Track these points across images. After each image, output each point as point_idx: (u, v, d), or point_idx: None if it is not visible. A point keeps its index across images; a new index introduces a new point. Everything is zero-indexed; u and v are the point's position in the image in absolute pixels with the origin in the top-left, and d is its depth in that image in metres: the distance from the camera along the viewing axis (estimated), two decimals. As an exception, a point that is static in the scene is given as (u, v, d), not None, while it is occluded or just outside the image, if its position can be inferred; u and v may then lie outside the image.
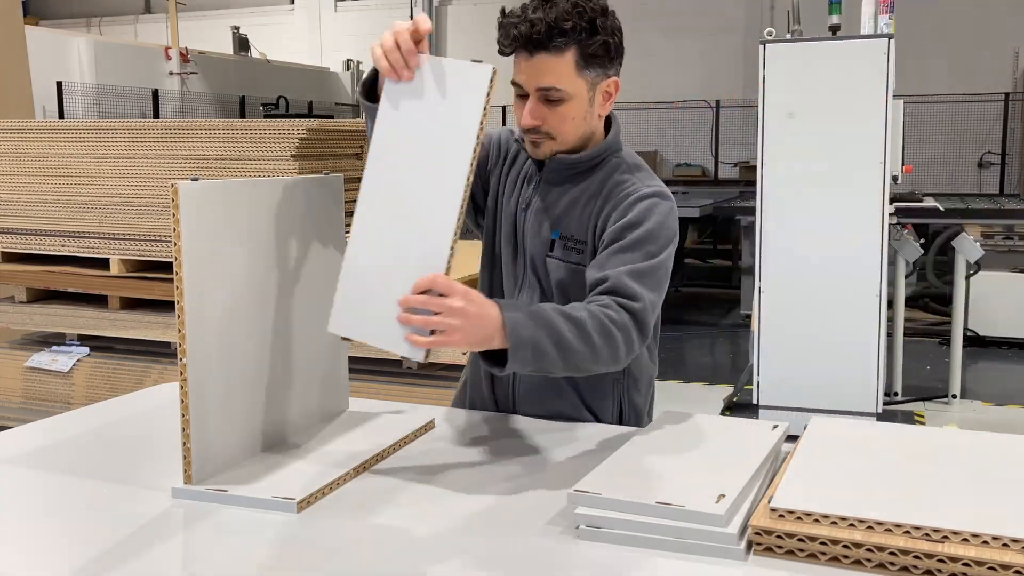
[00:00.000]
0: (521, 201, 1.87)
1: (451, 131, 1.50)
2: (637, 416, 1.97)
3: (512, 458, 1.66)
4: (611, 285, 1.66)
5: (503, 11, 1.72)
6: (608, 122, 1.85)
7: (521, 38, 1.66)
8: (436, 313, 1.45)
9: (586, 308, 1.61)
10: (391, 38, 1.57)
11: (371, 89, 1.75)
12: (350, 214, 1.59)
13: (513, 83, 1.74)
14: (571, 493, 1.34)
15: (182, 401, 1.47)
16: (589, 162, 1.82)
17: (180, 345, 1.46)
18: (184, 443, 1.48)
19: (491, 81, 1.48)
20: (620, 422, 1.93)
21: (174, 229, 1.46)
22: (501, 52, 1.73)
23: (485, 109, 1.48)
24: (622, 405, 1.94)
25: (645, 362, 1.98)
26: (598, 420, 1.91)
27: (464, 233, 1.56)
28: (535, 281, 1.85)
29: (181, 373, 1.46)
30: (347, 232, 1.62)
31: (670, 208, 1.79)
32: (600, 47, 1.69)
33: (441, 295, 1.46)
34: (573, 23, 1.65)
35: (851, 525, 1.21)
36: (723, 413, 5.36)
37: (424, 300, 1.46)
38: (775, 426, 1.67)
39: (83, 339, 4.12)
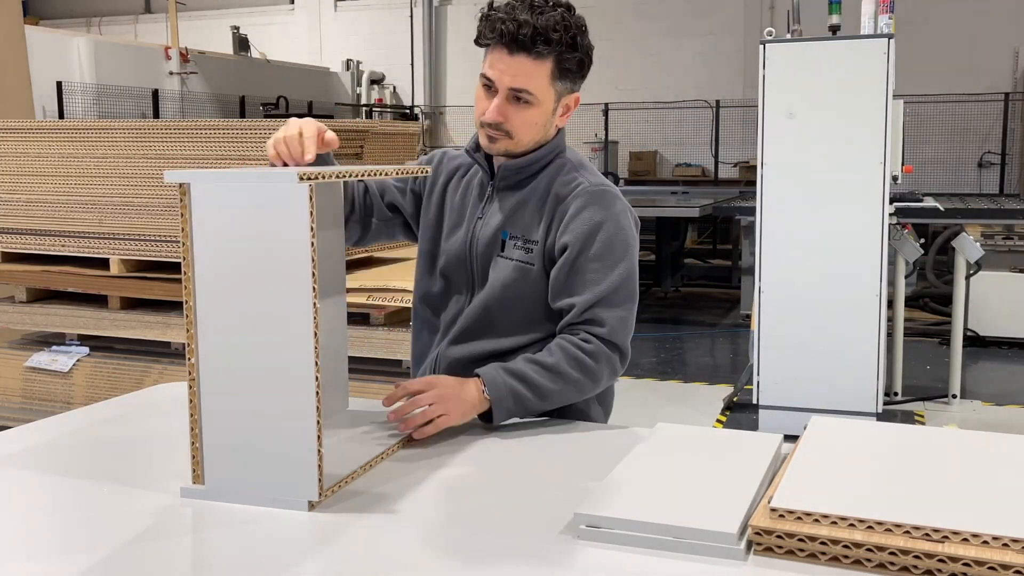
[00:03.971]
0: (477, 212, 1.93)
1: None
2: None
3: (513, 457, 1.67)
4: (580, 315, 1.80)
5: (490, 3, 1.77)
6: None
7: (507, 35, 1.70)
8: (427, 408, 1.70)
9: (559, 347, 1.79)
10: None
11: None
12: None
13: (483, 75, 1.78)
14: (577, 514, 1.33)
15: (191, 401, 1.47)
16: (535, 165, 1.88)
17: (188, 345, 1.46)
18: (192, 443, 1.48)
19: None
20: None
21: (183, 229, 1.45)
22: (478, 43, 1.78)
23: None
24: None
25: None
26: None
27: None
28: (483, 282, 1.91)
29: (190, 373, 1.46)
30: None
31: (622, 206, 1.87)
32: (576, 63, 1.77)
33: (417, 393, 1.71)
34: (560, 35, 1.71)
35: (851, 525, 1.21)
36: (723, 413, 5.36)
37: (408, 407, 1.69)
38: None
39: (83, 339, 4.12)
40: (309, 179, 1.38)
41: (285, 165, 1.68)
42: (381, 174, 1.89)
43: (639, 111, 12.83)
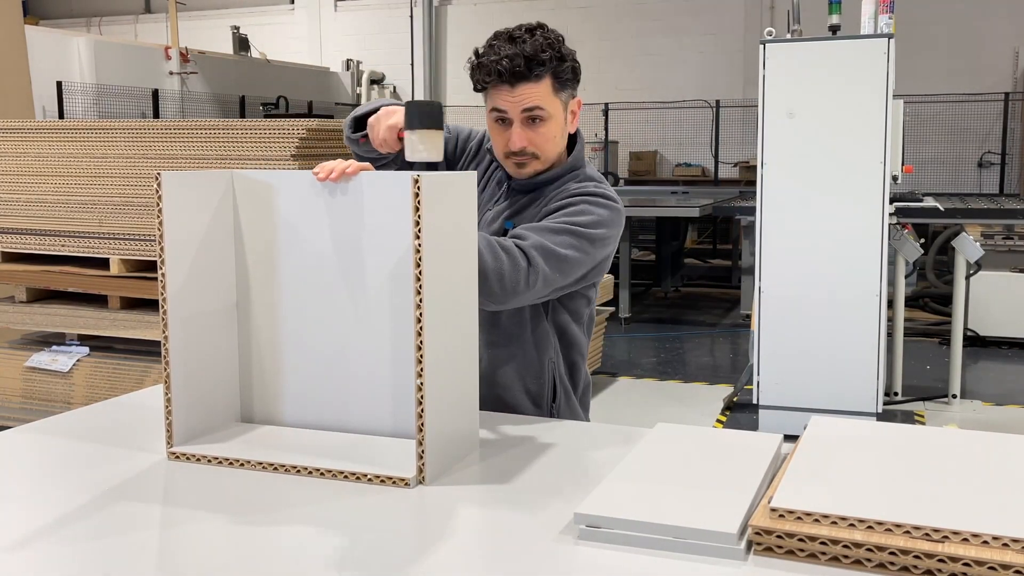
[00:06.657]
0: (489, 204, 2.02)
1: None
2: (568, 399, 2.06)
3: (510, 457, 1.66)
4: (515, 240, 1.78)
5: (476, 52, 1.92)
6: (572, 140, 2.02)
7: (505, 72, 1.84)
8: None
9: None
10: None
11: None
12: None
13: (495, 110, 1.90)
14: (577, 514, 1.32)
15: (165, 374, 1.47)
16: (552, 180, 1.97)
17: (164, 333, 1.47)
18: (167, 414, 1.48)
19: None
20: (553, 400, 2.03)
21: (157, 217, 1.48)
22: (477, 88, 1.92)
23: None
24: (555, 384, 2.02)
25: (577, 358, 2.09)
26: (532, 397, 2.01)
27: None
28: None
29: (164, 359, 1.47)
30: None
31: (612, 212, 1.92)
32: (569, 71, 1.90)
33: None
34: (549, 54, 1.86)
35: (851, 525, 1.21)
36: (723, 413, 5.37)
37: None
38: None
39: (83, 339, 4.12)
40: None
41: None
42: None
43: (639, 111, 12.82)
